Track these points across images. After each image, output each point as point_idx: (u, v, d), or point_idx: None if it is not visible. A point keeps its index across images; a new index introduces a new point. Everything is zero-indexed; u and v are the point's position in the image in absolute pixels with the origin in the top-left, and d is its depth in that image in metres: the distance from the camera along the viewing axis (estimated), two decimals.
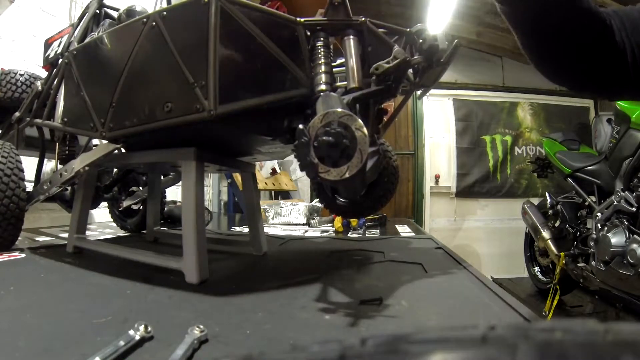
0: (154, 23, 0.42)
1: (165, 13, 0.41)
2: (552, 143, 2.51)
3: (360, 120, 0.30)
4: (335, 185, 0.32)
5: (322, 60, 0.41)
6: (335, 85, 0.42)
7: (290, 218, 1.45)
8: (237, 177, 2.22)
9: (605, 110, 3.02)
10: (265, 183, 2.69)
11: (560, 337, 0.09)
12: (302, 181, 3.17)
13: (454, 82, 3.37)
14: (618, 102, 1.79)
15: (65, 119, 0.55)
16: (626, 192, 1.64)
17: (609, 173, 1.84)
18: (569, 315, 1.59)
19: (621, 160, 1.71)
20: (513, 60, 3.45)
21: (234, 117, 0.40)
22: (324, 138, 0.30)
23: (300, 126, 0.31)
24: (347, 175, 0.30)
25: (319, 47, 0.42)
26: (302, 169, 0.32)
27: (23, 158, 0.68)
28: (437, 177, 3.11)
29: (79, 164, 0.55)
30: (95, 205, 0.95)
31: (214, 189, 2.94)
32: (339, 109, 0.30)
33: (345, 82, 0.42)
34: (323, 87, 0.40)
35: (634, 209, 1.52)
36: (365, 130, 0.30)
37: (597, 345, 0.09)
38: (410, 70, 0.47)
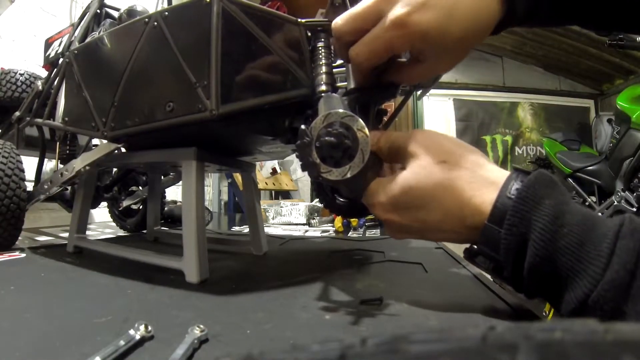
0: (155, 23, 0.42)
1: (167, 13, 0.41)
2: (553, 143, 2.51)
3: (361, 121, 0.30)
4: (337, 185, 0.32)
5: (323, 61, 0.41)
6: (336, 86, 0.42)
7: (291, 218, 1.45)
8: (238, 177, 2.22)
9: (605, 110, 3.02)
10: (266, 183, 2.70)
11: (560, 337, 0.09)
12: (303, 181, 3.17)
13: (454, 82, 3.38)
14: (619, 102, 1.79)
15: (66, 119, 0.55)
16: (626, 192, 1.64)
17: (609, 173, 1.84)
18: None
19: (621, 161, 1.72)
20: (513, 60, 3.45)
21: (236, 116, 0.40)
22: (326, 138, 0.30)
23: (302, 127, 0.31)
24: (348, 175, 0.30)
25: (320, 48, 0.42)
26: (303, 170, 0.32)
27: (23, 158, 0.68)
28: None
29: (79, 163, 0.55)
30: (95, 205, 0.95)
31: (214, 188, 2.95)
32: (341, 110, 0.30)
33: (346, 83, 0.42)
34: (324, 87, 0.40)
35: (634, 209, 1.52)
36: (367, 131, 0.30)
37: (597, 345, 0.09)
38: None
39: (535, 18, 0.36)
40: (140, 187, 1.01)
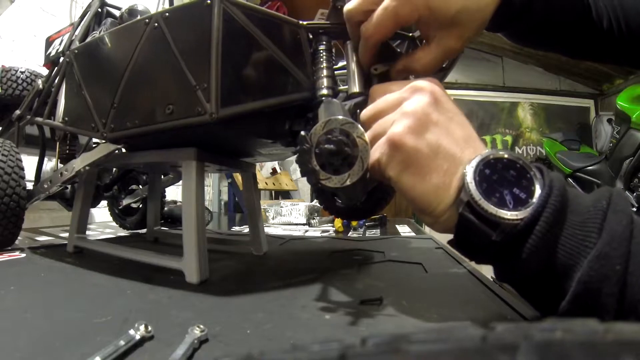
0: (156, 24, 0.42)
1: (167, 14, 0.41)
2: (553, 143, 2.52)
3: (361, 128, 0.30)
4: (336, 192, 0.32)
5: (324, 64, 0.41)
6: (337, 90, 0.41)
7: (291, 218, 1.45)
8: (238, 177, 2.22)
9: (605, 110, 3.03)
10: (266, 183, 2.69)
11: (561, 337, 0.09)
12: (303, 181, 3.17)
13: (454, 82, 3.37)
14: (619, 102, 1.79)
15: (66, 118, 0.55)
16: (626, 192, 1.64)
17: (610, 173, 1.84)
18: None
19: (621, 160, 1.72)
20: (513, 60, 3.45)
21: (236, 120, 0.40)
22: (326, 146, 0.30)
23: (302, 133, 0.31)
24: (348, 182, 0.30)
25: (321, 51, 0.42)
26: (303, 176, 0.32)
27: (23, 156, 0.68)
28: None
29: (79, 163, 0.55)
30: (95, 204, 0.95)
31: (214, 189, 2.94)
32: (341, 117, 0.30)
33: (347, 86, 0.42)
34: (325, 91, 0.40)
35: (634, 209, 1.51)
36: (366, 138, 0.30)
37: (597, 345, 0.09)
38: (412, 76, 0.47)
39: (529, 15, 0.39)
40: (141, 186, 1.01)
